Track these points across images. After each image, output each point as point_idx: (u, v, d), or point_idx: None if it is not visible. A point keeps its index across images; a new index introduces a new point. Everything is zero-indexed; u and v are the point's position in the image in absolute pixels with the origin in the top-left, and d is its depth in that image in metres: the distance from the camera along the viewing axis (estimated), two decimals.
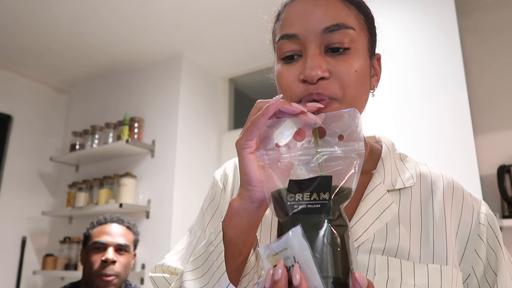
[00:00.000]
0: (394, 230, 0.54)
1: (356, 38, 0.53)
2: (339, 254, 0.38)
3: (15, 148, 2.92)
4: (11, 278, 2.77)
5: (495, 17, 2.09)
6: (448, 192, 0.59)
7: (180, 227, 2.52)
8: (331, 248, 0.38)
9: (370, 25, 0.57)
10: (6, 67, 2.92)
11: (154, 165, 2.66)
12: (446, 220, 0.56)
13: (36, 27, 2.47)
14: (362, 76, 0.53)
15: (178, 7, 2.29)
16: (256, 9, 2.33)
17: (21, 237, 2.86)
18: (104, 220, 1.52)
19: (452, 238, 0.56)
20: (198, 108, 2.85)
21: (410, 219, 0.56)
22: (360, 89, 0.53)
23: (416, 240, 0.54)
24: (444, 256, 0.53)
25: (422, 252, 0.53)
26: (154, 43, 2.66)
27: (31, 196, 2.97)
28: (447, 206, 0.58)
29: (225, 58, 2.88)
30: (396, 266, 0.51)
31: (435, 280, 0.51)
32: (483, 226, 0.58)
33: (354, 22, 0.53)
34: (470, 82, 2.03)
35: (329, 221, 0.39)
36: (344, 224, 0.40)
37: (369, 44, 0.56)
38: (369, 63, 0.56)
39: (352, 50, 0.52)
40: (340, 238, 0.39)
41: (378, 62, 0.60)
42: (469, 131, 1.52)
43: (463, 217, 0.58)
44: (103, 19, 2.40)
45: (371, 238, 0.54)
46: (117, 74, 3.07)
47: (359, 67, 0.52)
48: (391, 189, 0.57)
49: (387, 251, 0.53)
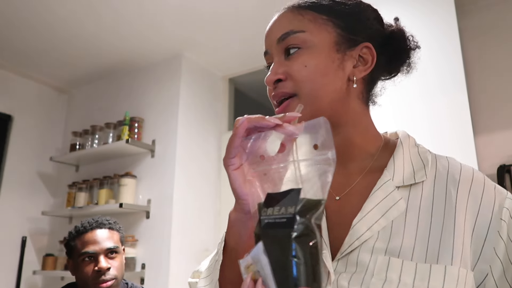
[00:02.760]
0: (399, 228, 0.54)
1: (308, 38, 0.58)
2: (302, 269, 0.38)
3: (15, 148, 2.92)
4: (11, 278, 2.77)
5: (495, 17, 2.09)
6: (465, 186, 0.56)
7: (180, 227, 2.52)
8: (293, 263, 0.38)
9: (342, 20, 0.60)
10: (6, 67, 2.92)
11: (154, 165, 2.66)
12: (456, 217, 0.53)
13: (36, 27, 2.47)
14: (318, 70, 0.57)
15: (178, 7, 2.29)
16: (256, 9, 2.34)
17: (21, 237, 2.87)
18: (84, 229, 1.45)
19: (462, 236, 0.53)
20: (198, 108, 2.85)
21: (419, 216, 0.54)
22: (317, 82, 0.57)
23: (423, 238, 0.53)
24: (450, 255, 0.51)
25: (428, 251, 0.52)
26: (154, 43, 2.66)
27: (31, 196, 2.97)
28: (461, 201, 0.55)
29: (225, 58, 2.88)
30: (397, 267, 0.51)
31: (437, 281, 0.49)
32: (504, 222, 0.54)
33: (308, 25, 0.59)
34: (470, 82, 2.03)
35: (294, 236, 0.39)
36: (312, 238, 0.39)
37: (339, 38, 0.59)
38: (338, 55, 0.58)
39: (303, 50, 0.58)
40: (304, 252, 0.38)
41: (367, 51, 0.60)
42: (469, 131, 1.52)
43: (481, 212, 0.54)
44: (103, 19, 2.40)
45: (374, 236, 0.54)
46: (117, 74, 3.07)
47: (312, 62, 0.57)
48: (401, 185, 0.57)
49: (389, 251, 0.52)
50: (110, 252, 1.45)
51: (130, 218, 2.59)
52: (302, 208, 0.40)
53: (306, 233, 0.39)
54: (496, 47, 2.06)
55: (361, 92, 0.61)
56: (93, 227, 1.46)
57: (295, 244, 0.39)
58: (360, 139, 0.61)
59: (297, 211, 0.40)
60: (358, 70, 0.59)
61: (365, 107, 0.62)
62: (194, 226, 2.63)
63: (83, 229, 1.46)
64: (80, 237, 1.45)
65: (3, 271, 2.74)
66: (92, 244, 1.42)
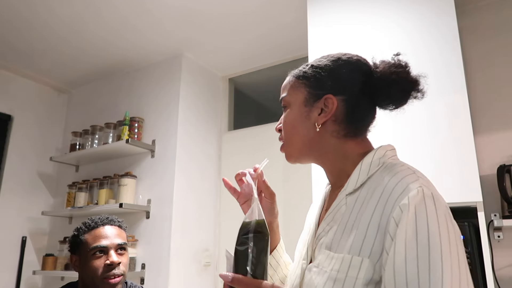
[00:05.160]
0: (334, 227, 0.70)
1: (288, 99, 0.81)
2: (238, 263, 0.67)
3: (15, 148, 2.92)
4: (11, 278, 2.77)
5: (495, 17, 2.09)
6: (379, 192, 0.67)
7: (180, 227, 2.52)
8: (234, 259, 0.68)
9: (311, 80, 0.79)
10: (6, 67, 2.92)
11: (154, 165, 2.66)
12: (373, 217, 0.64)
13: (37, 27, 2.48)
14: (290, 122, 0.80)
15: (178, 8, 2.29)
16: (256, 10, 2.34)
17: (21, 237, 2.87)
18: (95, 224, 1.48)
19: (372, 232, 0.63)
20: (198, 108, 2.85)
21: (349, 218, 0.68)
22: (289, 131, 0.80)
23: (346, 235, 0.66)
24: (359, 248, 0.63)
25: (347, 245, 0.65)
26: (154, 43, 2.66)
27: (31, 196, 2.98)
28: (370, 203, 0.66)
29: (225, 58, 2.88)
30: (325, 257, 0.68)
31: (344, 266, 0.64)
32: (398, 209, 0.61)
33: (290, 89, 0.82)
34: (470, 82, 2.03)
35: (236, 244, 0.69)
36: (245, 245, 0.67)
37: (308, 95, 0.78)
38: (305, 109, 0.78)
39: (287, 108, 0.81)
40: (237, 253, 0.67)
41: (330, 101, 0.75)
42: (469, 131, 1.52)
43: (385, 210, 0.63)
44: (103, 19, 2.40)
45: (325, 235, 0.71)
46: (117, 74, 3.07)
47: (288, 118, 0.80)
48: (349, 192, 0.72)
49: (326, 245, 0.69)
50: (120, 248, 1.47)
51: (130, 218, 2.59)
52: (240, 227, 0.70)
53: (241, 244, 0.68)
54: (496, 47, 2.06)
55: (334, 130, 0.76)
56: (104, 223, 1.49)
57: (235, 249, 0.68)
58: (340, 164, 0.77)
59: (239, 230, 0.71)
60: (320, 117, 0.76)
61: (341, 140, 0.76)
62: (194, 226, 2.64)
63: (94, 224, 1.48)
64: (90, 232, 1.46)
65: (3, 271, 2.74)
66: (104, 239, 1.44)
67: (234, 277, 0.65)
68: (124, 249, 1.49)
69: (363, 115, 0.78)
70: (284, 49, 2.74)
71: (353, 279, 0.62)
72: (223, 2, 2.25)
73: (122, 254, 1.47)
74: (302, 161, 0.82)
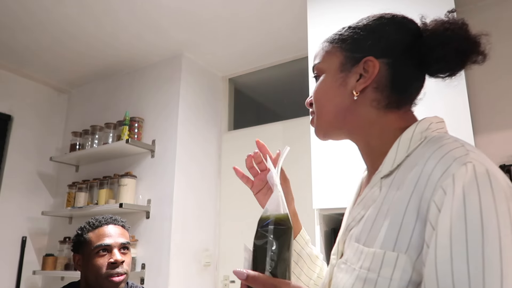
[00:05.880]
0: (365, 216, 0.60)
1: (321, 67, 0.70)
2: (256, 259, 0.58)
3: (15, 148, 2.92)
4: (11, 278, 2.77)
5: (495, 17, 2.09)
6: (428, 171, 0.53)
7: (180, 227, 2.52)
8: (252, 254, 0.59)
9: (348, 43, 0.69)
10: (6, 67, 2.92)
11: (154, 165, 2.66)
12: (410, 201, 0.52)
13: (36, 27, 2.48)
14: (322, 91, 0.69)
15: (179, 8, 2.29)
16: (256, 10, 2.34)
17: (21, 237, 2.87)
18: (99, 223, 1.49)
19: (409, 221, 0.52)
20: (198, 108, 2.85)
21: (382, 204, 0.57)
22: (321, 101, 0.69)
23: (378, 224, 0.56)
24: (393, 241, 0.52)
25: (380, 237, 0.54)
26: (154, 43, 2.66)
27: (31, 196, 2.98)
28: (407, 185, 0.54)
29: (225, 58, 2.88)
30: (354, 251, 0.58)
31: (375, 264, 0.53)
32: (440, 191, 0.49)
33: (323, 55, 0.71)
34: (470, 82, 2.03)
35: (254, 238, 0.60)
36: (264, 239, 0.58)
37: (345, 59, 0.68)
38: (341, 74, 0.67)
39: (319, 77, 0.71)
40: (255, 248, 0.59)
41: (370, 64, 0.65)
42: (469, 131, 1.52)
43: (425, 193, 0.51)
44: (103, 19, 2.40)
45: (356, 226, 0.61)
46: (117, 74, 3.07)
47: (320, 86, 0.70)
48: (384, 175, 0.60)
49: (356, 236, 0.59)
50: (123, 247, 1.48)
51: (130, 218, 2.59)
52: (259, 221, 0.61)
53: (259, 238, 0.59)
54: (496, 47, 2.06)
55: (374, 99, 0.65)
56: (108, 222, 1.50)
57: (253, 242, 0.60)
58: (376, 142, 0.65)
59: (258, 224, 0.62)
60: (358, 83, 0.65)
61: (381, 111, 0.65)
62: (194, 226, 2.63)
63: (98, 223, 1.49)
64: (94, 230, 1.47)
65: (3, 271, 2.74)
66: (108, 237, 1.45)
67: (249, 274, 0.55)
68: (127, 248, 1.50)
69: (409, 83, 0.67)
70: (284, 49, 2.74)
71: (387, 280, 0.51)
72: (223, 3, 2.25)
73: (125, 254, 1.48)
74: (333, 135, 0.70)
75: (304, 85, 1.90)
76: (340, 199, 1.60)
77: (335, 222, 1.82)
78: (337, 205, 1.61)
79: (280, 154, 0.74)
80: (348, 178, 1.62)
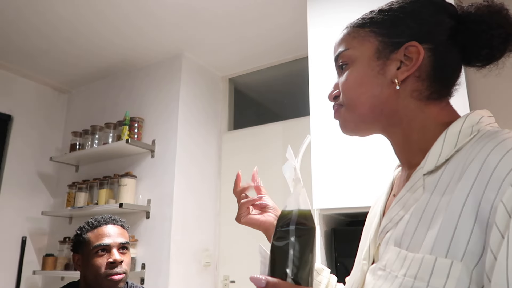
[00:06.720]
0: (406, 217, 0.54)
1: (351, 54, 0.63)
2: (275, 263, 0.51)
3: (15, 148, 2.92)
4: (11, 278, 2.77)
5: None
6: (479, 166, 0.48)
7: (180, 227, 2.52)
8: (270, 257, 0.53)
9: (384, 27, 0.62)
10: (6, 67, 2.92)
11: (154, 165, 2.66)
12: (467, 202, 0.46)
13: (36, 28, 2.48)
14: (355, 81, 0.62)
15: (178, 7, 2.29)
16: (256, 10, 2.34)
17: (21, 237, 2.87)
18: (98, 223, 1.50)
19: (465, 224, 0.46)
20: (198, 108, 2.85)
21: (427, 204, 0.51)
22: (354, 92, 0.62)
23: (424, 227, 0.50)
24: (446, 247, 0.46)
25: (428, 241, 0.48)
26: (154, 43, 2.66)
27: (31, 196, 2.98)
28: (462, 183, 0.48)
29: (225, 58, 2.88)
30: (395, 256, 0.52)
31: (423, 272, 0.47)
32: (510, 190, 0.42)
33: (352, 41, 0.64)
34: (470, 82, 2.03)
35: (273, 239, 0.53)
36: (284, 240, 0.52)
37: (381, 45, 0.61)
38: (378, 62, 0.61)
39: (349, 65, 0.64)
40: (274, 250, 0.52)
41: (413, 50, 0.59)
42: None
43: (487, 193, 0.44)
44: (103, 19, 2.40)
45: (393, 227, 0.56)
46: (117, 74, 3.07)
47: (351, 75, 0.63)
48: (427, 172, 0.55)
49: (396, 240, 0.53)
50: (122, 247, 1.49)
51: (130, 218, 2.59)
52: (278, 220, 0.55)
53: (279, 238, 0.53)
54: None
55: (415, 90, 0.59)
56: (107, 222, 1.51)
57: (272, 244, 0.53)
58: (417, 136, 0.59)
59: (276, 222, 0.56)
60: (400, 72, 0.59)
61: (422, 103, 0.60)
62: (194, 226, 2.64)
63: (97, 223, 1.49)
64: (93, 230, 1.48)
65: (3, 271, 2.74)
66: (107, 237, 1.46)
67: (269, 282, 0.49)
68: (126, 248, 1.50)
69: (452, 71, 0.61)
70: (284, 49, 2.74)
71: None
72: (223, 2, 2.25)
73: (124, 253, 1.49)
74: (363, 130, 0.64)
75: (304, 85, 1.90)
76: (340, 199, 1.60)
77: (335, 222, 1.82)
78: (337, 205, 1.61)
79: (302, 144, 0.68)
80: (349, 178, 1.61)
